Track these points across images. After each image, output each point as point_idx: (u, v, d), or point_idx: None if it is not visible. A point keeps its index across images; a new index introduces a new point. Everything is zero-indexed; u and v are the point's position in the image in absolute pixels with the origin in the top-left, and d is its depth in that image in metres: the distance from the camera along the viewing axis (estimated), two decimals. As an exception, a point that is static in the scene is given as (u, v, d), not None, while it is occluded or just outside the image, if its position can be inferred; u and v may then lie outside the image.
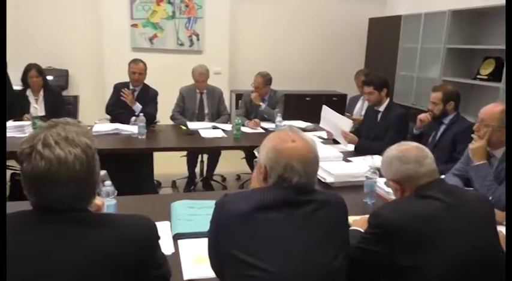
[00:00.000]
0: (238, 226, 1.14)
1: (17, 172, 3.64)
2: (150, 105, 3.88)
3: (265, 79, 3.96)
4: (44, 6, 5.33)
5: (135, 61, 3.87)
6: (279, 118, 3.60)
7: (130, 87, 3.88)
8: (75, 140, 0.97)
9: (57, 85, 4.83)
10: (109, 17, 5.35)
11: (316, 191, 1.25)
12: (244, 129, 3.69)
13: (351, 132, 3.17)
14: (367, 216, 1.71)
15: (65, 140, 0.96)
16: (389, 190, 2.02)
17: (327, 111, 3.40)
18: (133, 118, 3.55)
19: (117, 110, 3.80)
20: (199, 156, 4.09)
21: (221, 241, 1.16)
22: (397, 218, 1.31)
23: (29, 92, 3.69)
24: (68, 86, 5.41)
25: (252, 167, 4.02)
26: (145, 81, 3.97)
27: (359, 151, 3.05)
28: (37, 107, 3.67)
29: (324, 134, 3.48)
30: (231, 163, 4.35)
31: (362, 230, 1.56)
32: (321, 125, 3.50)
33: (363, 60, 6.40)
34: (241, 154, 4.23)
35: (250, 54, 6.19)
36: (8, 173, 3.64)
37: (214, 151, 3.86)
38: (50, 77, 4.37)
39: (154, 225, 1.09)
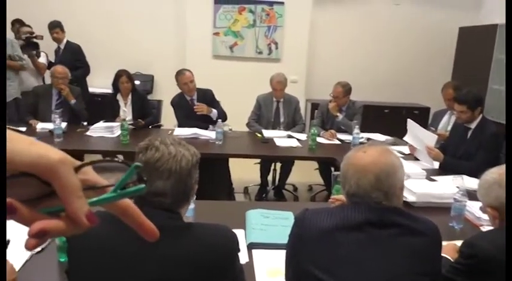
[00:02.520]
0: (318, 243, 1.09)
1: (104, 169, 3.91)
2: (216, 107, 3.93)
3: (345, 89, 3.85)
4: (134, 16, 5.71)
5: (181, 73, 3.84)
6: (356, 130, 3.48)
7: (187, 97, 3.94)
8: (186, 145, 1.13)
9: (143, 89, 5.14)
10: (193, 26, 5.59)
11: (406, 213, 1.15)
12: (319, 140, 3.62)
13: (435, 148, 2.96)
14: (455, 242, 1.57)
15: (178, 143, 1.12)
16: (483, 215, 1.84)
17: (411, 125, 3.21)
18: (210, 126, 3.67)
19: (189, 122, 3.81)
20: (273, 164, 4.09)
21: (299, 257, 1.13)
22: (494, 250, 1.18)
23: (119, 96, 3.95)
24: (152, 90, 5.74)
25: (326, 179, 3.94)
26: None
27: (444, 169, 2.83)
28: (126, 110, 3.91)
29: (405, 149, 3.29)
30: (303, 173, 4.30)
31: (450, 258, 1.43)
32: (405, 138, 3.31)
33: (450, 72, 6.00)
34: (314, 164, 4.15)
35: (328, 63, 6.11)
36: (96, 169, 3.93)
37: (287, 160, 3.82)
38: (137, 82, 4.66)
39: (236, 237, 1.11)
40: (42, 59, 4.53)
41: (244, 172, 4.10)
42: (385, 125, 4.53)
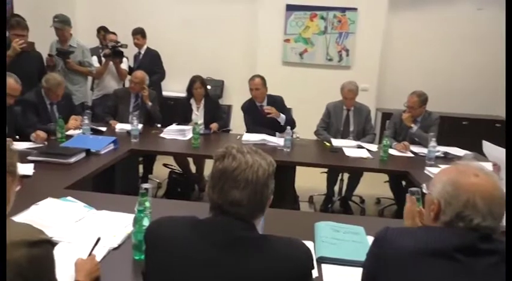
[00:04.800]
0: (401, 266, 1.01)
1: (175, 170, 4.05)
2: (286, 113, 3.93)
3: (421, 99, 3.65)
4: (207, 23, 5.89)
5: (252, 78, 3.89)
6: (433, 143, 3.27)
7: (257, 103, 3.95)
8: (262, 155, 1.11)
9: (214, 94, 5.27)
10: (264, 33, 5.65)
11: (497, 239, 1.04)
12: (391, 151, 3.46)
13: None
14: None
15: (254, 152, 1.11)
16: None
17: (488, 148, 2.95)
18: (277, 134, 3.69)
19: (257, 128, 3.83)
20: (340, 174, 3.98)
21: (378, 279, 1.05)
22: None
23: (192, 101, 4.09)
24: (222, 95, 5.88)
25: (396, 193, 3.75)
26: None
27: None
28: (197, 114, 4.04)
29: (488, 166, 3.03)
30: (371, 185, 4.13)
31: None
32: (490, 160, 3.05)
33: (540, 82, 5.47)
34: (383, 176, 3.97)
35: (402, 71, 5.86)
36: (167, 171, 4.08)
37: (356, 171, 3.70)
38: (208, 87, 4.78)
39: (311, 254, 1.07)
40: (124, 65, 4.79)
41: (309, 181, 4.04)
42: (463, 138, 4.22)
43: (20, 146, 2.90)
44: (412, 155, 3.50)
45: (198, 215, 1.11)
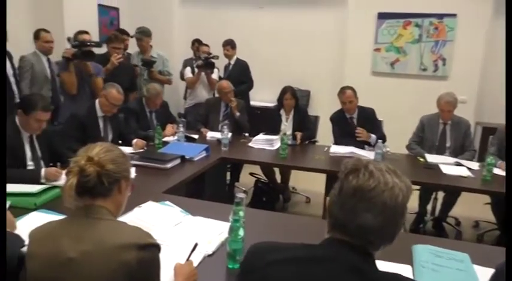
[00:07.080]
0: None
1: (261, 179, 4.10)
2: (376, 129, 3.79)
3: (533, 114, 3.29)
4: (295, 32, 5.89)
5: (342, 90, 3.78)
6: (548, 163, 2.92)
7: (346, 115, 3.85)
8: (402, 177, 0.95)
9: (301, 104, 5.25)
10: (354, 42, 5.52)
11: None
12: (496, 171, 3.15)
13: None
14: None
15: (393, 172, 0.95)
16: None
17: None
18: (366, 146, 3.59)
19: (346, 140, 3.73)
20: (434, 193, 3.72)
21: None
22: None
23: (282, 111, 4.11)
24: (308, 105, 5.84)
25: (499, 217, 3.40)
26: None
27: None
28: (286, 125, 4.05)
29: None
30: (469, 206, 3.79)
31: None
32: None
33: None
34: (484, 198, 3.63)
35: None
36: (252, 179, 4.15)
37: (454, 191, 3.42)
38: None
39: None
40: (215, 75, 5.01)
41: (399, 197, 3.82)
42: None
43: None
44: (521, 176, 3.16)
45: (284, 226, 1.06)
